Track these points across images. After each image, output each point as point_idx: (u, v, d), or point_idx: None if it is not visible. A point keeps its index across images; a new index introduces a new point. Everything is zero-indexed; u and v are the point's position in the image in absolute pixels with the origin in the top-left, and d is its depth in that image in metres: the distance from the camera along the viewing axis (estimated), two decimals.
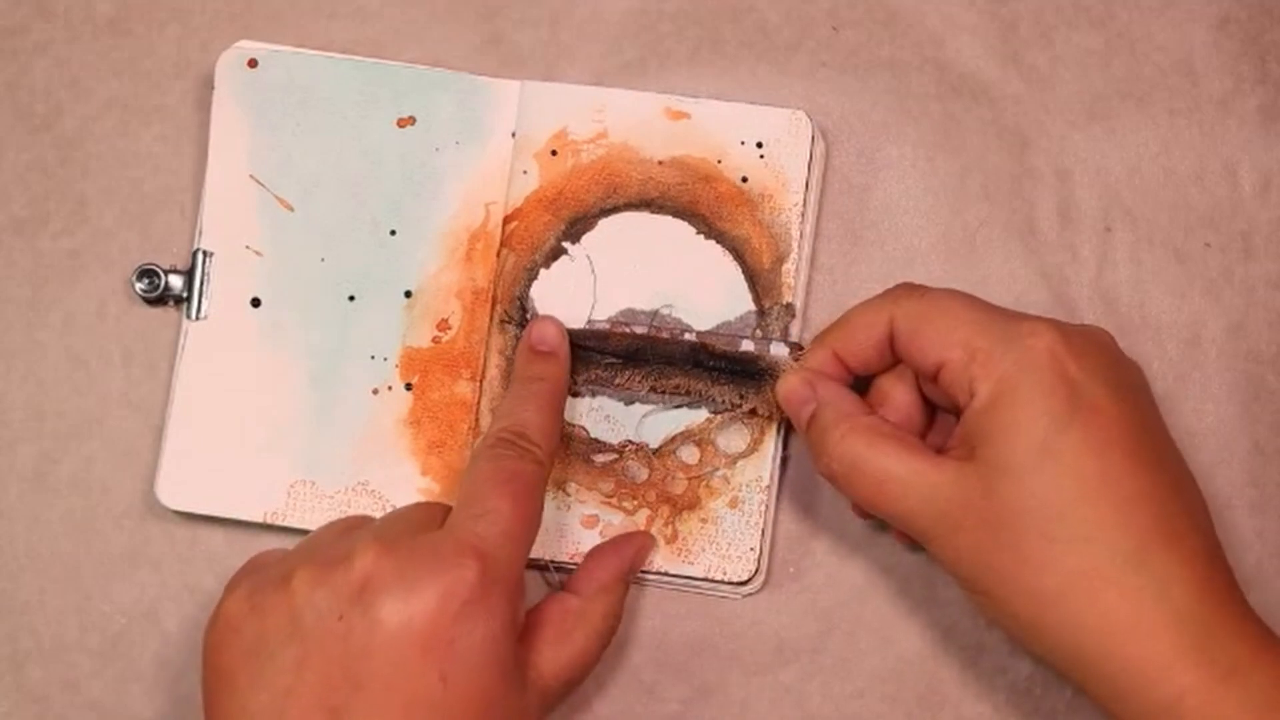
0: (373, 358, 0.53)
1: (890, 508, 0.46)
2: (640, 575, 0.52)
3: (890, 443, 0.46)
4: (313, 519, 0.52)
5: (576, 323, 0.53)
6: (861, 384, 0.50)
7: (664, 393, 0.53)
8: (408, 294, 0.53)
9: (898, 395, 0.49)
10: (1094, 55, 0.55)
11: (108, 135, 0.55)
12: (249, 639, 0.43)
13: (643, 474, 0.52)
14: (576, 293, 0.53)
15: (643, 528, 0.52)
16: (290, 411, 0.53)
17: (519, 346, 0.52)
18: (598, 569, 0.50)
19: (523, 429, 0.47)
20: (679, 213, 0.53)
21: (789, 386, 0.49)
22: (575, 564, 0.52)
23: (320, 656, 0.41)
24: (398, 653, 0.41)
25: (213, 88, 0.54)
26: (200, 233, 0.53)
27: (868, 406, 0.49)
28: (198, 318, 0.53)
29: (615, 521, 0.52)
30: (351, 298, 0.53)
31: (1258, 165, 0.55)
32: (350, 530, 0.46)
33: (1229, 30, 0.55)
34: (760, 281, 0.53)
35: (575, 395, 0.53)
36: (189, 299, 0.53)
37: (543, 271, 0.53)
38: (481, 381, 0.53)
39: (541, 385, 0.50)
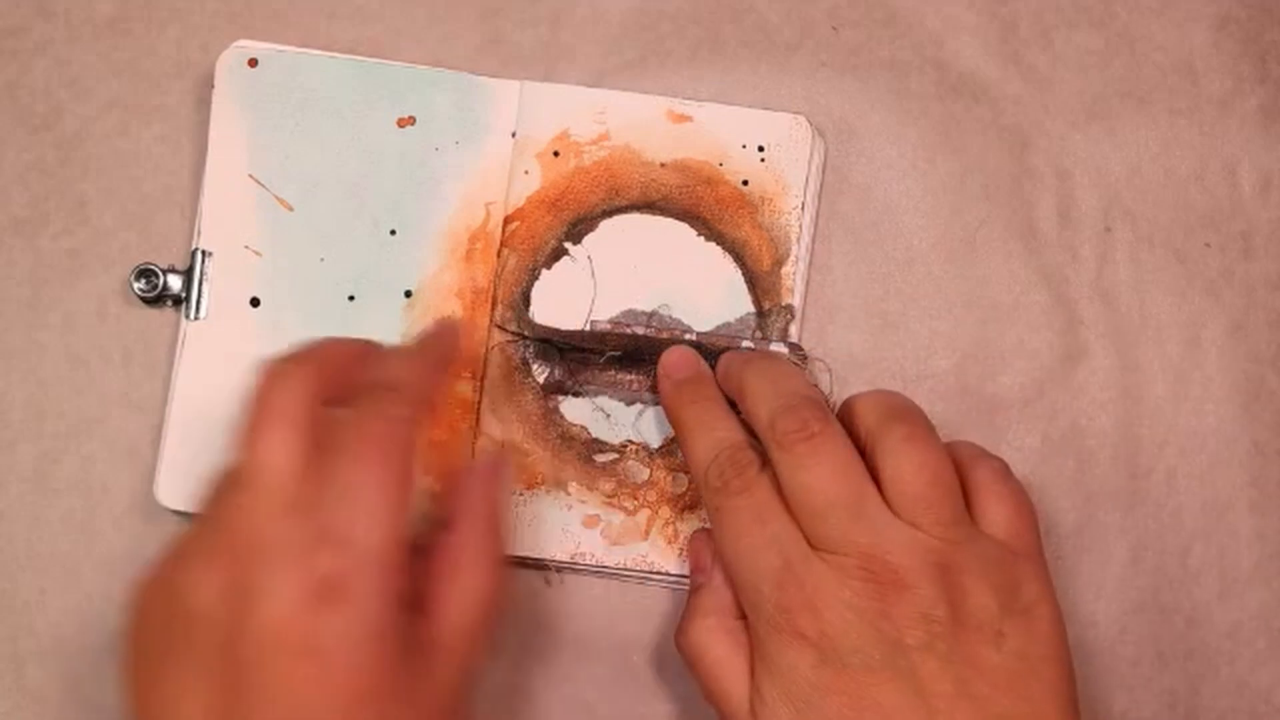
0: None
1: (711, 704, 0.47)
2: (645, 575, 0.52)
3: (730, 649, 0.47)
4: None
5: (577, 323, 0.53)
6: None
7: None
8: (408, 294, 0.53)
9: None
10: (1094, 55, 0.55)
11: (108, 135, 0.55)
12: (146, 634, 0.42)
13: (643, 474, 0.53)
14: (577, 293, 0.53)
15: (643, 528, 0.52)
16: None
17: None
18: (470, 494, 0.47)
19: (389, 378, 0.45)
20: (680, 215, 0.53)
21: (693, 548, 0.51)
22: (575, 564, 0.52)
23: (205, 662, 0.40)
24: (270, 657, 0.40)
25: (213, 88, 0.54)
26: (199, 233, 0.53)
27: (738, 610, 0.49)
28: (197, 318, 0.53)
29: (616, 521, 0.52)
30: (351, 298, 0.53)
31: (1258, 165, 0.55)
32: (222, 500, 0.43)
33: (1229, 30, 0.55)
34: (760, 283, 0.53)
35: (576, 395, 0.53)
36: (188, 299, 0.53)
37: (544, 272, 0.53)
38: (482, 381, 0.53)
39: (432, 343, 0.50)
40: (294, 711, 0.40)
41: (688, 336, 0.52)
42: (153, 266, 0.53)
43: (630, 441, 0.53)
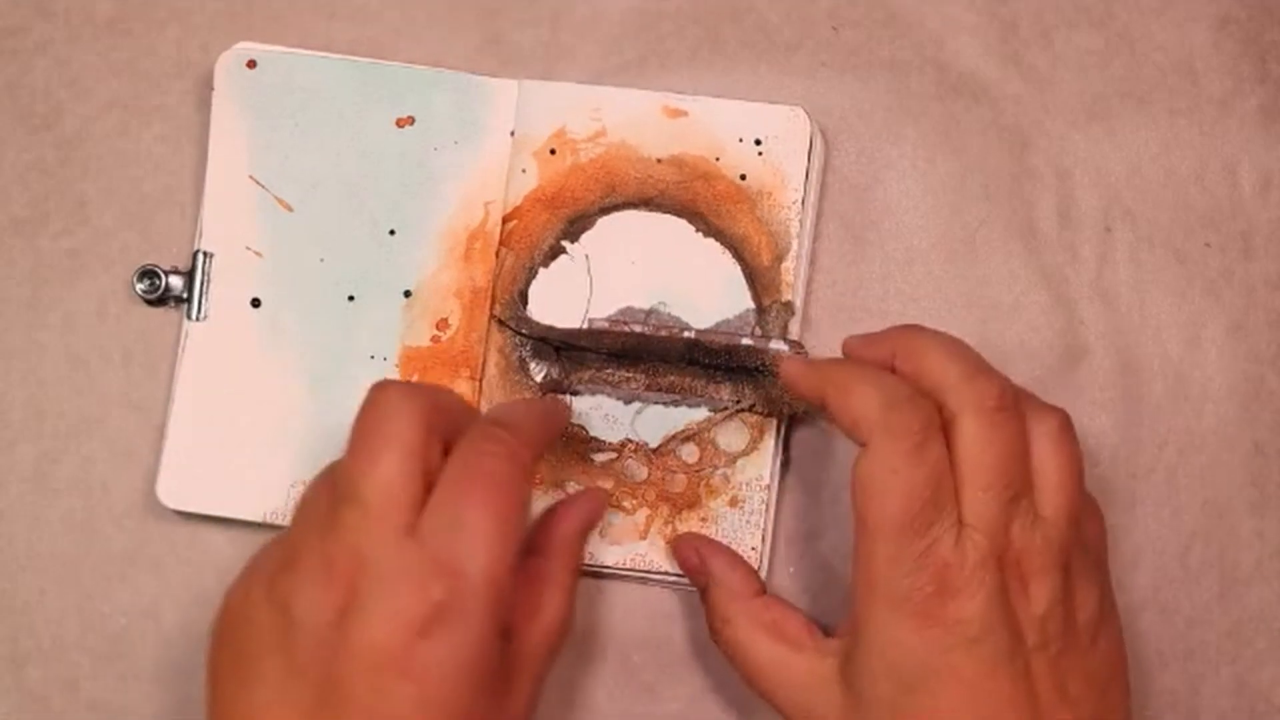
0: (372, 357, 0.53)
1: (768, 696, 0.47)
2: (645, 575, 0.52)
3: (765, 634, 0.48)
4: None
5: (575, 321, 0.53)
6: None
7: (663, 391, 0.53)
8: (407, 294, 0.53)
9: None
10: (1094, 55, 0.55)
11: (108, 135, 0.55)
12: (243, 637, 0.43)
13: (642, 473, 0.52)
14: (575, 291, 0.53)
15: (642, 527, 0.52)
16: (290, 411, 0.53)
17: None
18: (557, 526, 0.49)
19: (504, 419, 0.46)
20: (678, 211, 0.53)
21: (680, 551, 0.51)
22: None
23: (303, 672, 0.41)
24: (372, 675, 0.41)
25: (212, 88, 0.54)
26: (200, 234, 0.53)
27: (757, 582, 0.50)
28: (198, 318, 0.53)
29: (615, 521, 0.52)
30: (351, 298, 0.53)
31: (1258, 165, 0.55)
32: (336, 515, 0.44)
33: (1229, 30, 0.55)
34: (759, 279, 0.53)
35: (575, 394, 0.53)
36: (189, 300, 0.53)
37: (541, 270, 0.53)
38: (481, 380, 0.53)
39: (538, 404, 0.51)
40: None
41: (686, 334, 0.52)
42: (155, 268, 0.53)
43: (629, 440, 0.53)
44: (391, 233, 0.53)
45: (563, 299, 0.53)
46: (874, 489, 0.43)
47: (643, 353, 0.52)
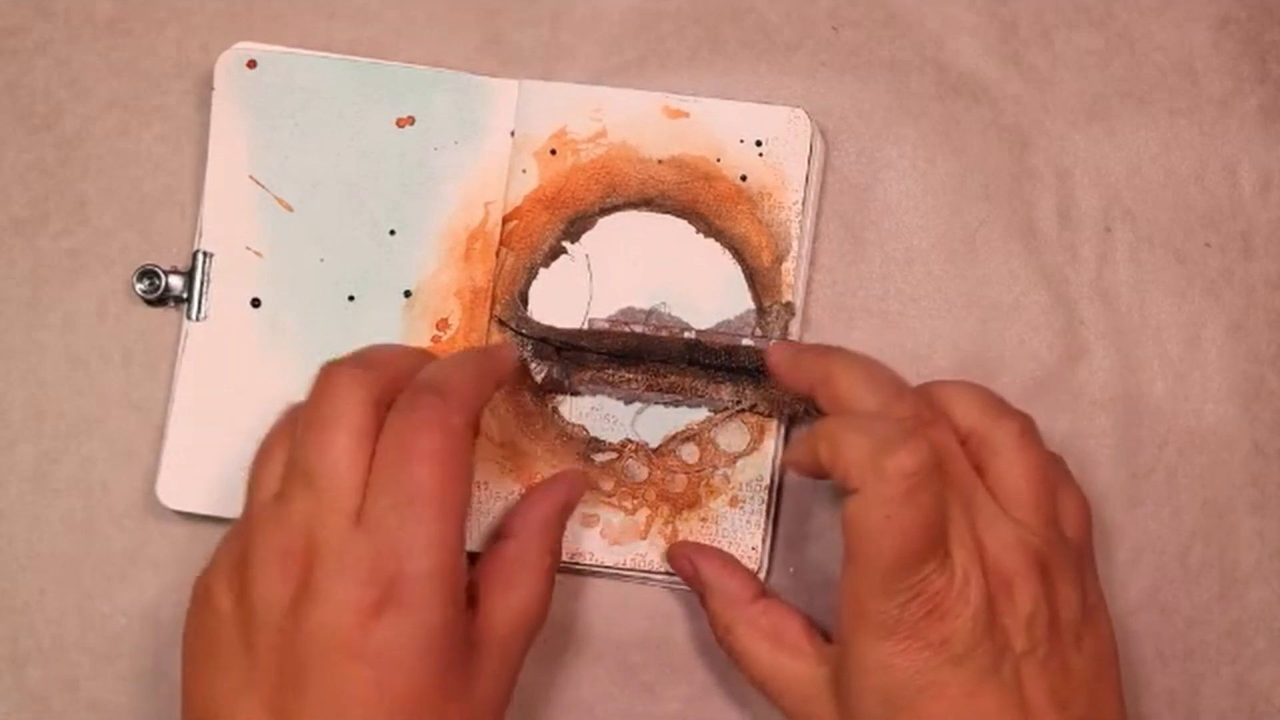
0: None
1: (772, 701, 0.48)
2: (645, 575, 0.52)
3: (765, 641, 0.48)
4: None
5: (575, 321, 0.53)
6: None
7: (663, 391, 0.53)
8: (407, 294, 0.53)
9: None
10: (1094, 55, 0.55)
11: (108, 135, 0.55)
12: (211, 623, 0.43)
13: (642, 473, 0.52)
14: (576, 292, 0.53)
15: (643, 527, 0.52)
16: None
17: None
18: (531, 509, 0.49)
19: (433, 381, 0.45)
20: (679, 211, 0.53)
21: (675, 560, 0.51)
22: (575, 563, 0.52)
23: (263, 659, 0.42)
24: (328, 660, 0.41)
25: (212, 88, 0.54)
26: (200, 233, 0.53)
27: (754, 585, 0.50)
28: (198, 318, 0.53)
29: (615, 521, 0.52)
30: (351, 298, 0.53)
31: (1258, 165, 0.55)
32: (288, 500, 0.44)
33: (1229, 30, 0.55)
34: (760, 280, 0.53)
35: (575, 394, 0.53)
36: (189, 299, 0.53)
37: (542, 271, 0.53)
38: None
39: (482, 354, 0.50)
40: (346, 713, 0.41)
41: (687, 335, 0.52)
42: (155, 268, 0.53)
43: (629, 440, 0.53)
44: (392, 233, 0.53)
45: (563, 299, 0.53)
46: (867, 532, 0.43)
47: (643, 353, 0.52)
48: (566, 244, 0.53)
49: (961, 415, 0.47)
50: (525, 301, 0.53)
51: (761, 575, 0.52)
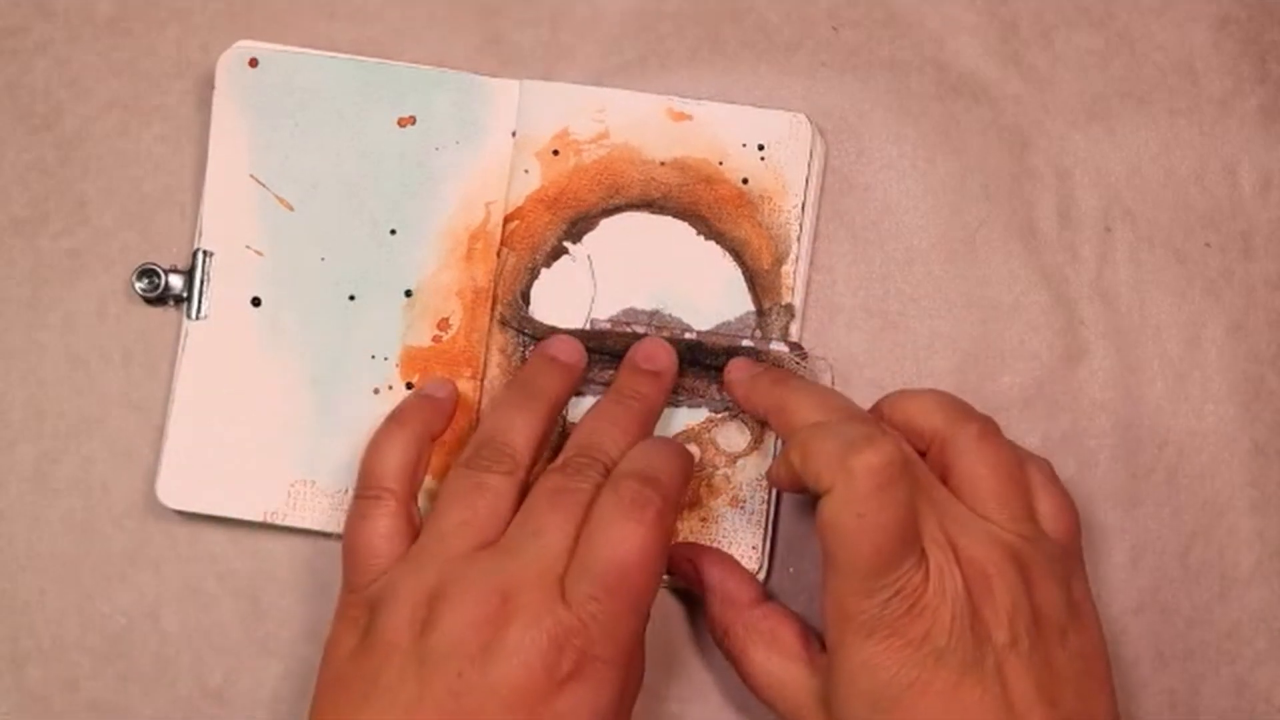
0: (373, 357, 0.53)
1: (768, 706, 0.48)
2: None
3: (762, 646, 0.48)
4: (312, 519, 0.52)
5: (577, 322, 0.53)
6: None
7: None
8: (408, 293, 0.53)
9: None
10: (1094, 55, 0.55)
11: (108, 135, 0.55)
12: (371, 653, 0.44)
13: None
14: (578, 292, 0.53)
15: None
16: (290, 411, 0.53)
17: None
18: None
19: (652, 473, 0.46)
20: (680, 213, 0.53)
21: (675, 562, 0.51)
22: None
23: (439, 696, 0.42)
24: (512, 713, 0.42)
25: (213, 88, 0.54)
26: (200, 233, 0.53)
27: (754, 588, 0.50)
28: (198, 317, 0.53)
29: None
30: (352, 297, 0.53)
31: (1258, 165, 0.55)
32: (483, 545, 0.45)
33: (1229, 30, 0.55)
34: (760, 282, 0.53)
35: (577, 394, 0.53)
36: (189, 299, 0.53)
37: (543, 271, 0.53)
38: (482, 380, 0.53)
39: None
40: None
41: (687, 335, 0.52)
42: (155, 267, 0.53)
43: None
44: (392, 232, 0.53)
45: (565, 300, 0.53)
46: (842, 532, 0.43)
47: None
48: (568, 244, 0.53)
49: (924, 420, 0.47)
50: (527, 301, 0.53)
51: (761, 575, 0.52)
